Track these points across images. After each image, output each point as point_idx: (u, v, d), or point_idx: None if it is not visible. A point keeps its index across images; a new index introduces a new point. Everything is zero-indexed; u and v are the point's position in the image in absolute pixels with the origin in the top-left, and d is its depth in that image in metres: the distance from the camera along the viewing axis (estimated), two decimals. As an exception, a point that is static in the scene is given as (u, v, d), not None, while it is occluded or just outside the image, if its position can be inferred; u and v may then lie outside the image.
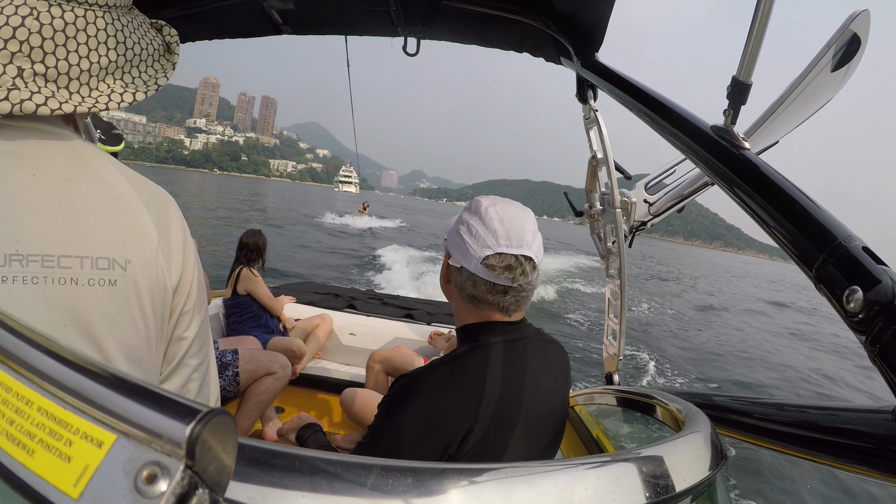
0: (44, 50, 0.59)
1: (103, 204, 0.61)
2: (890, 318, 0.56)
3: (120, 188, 0.63)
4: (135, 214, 0.63)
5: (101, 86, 0.65)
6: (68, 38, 0.60)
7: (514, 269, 0.88)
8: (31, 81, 0.58)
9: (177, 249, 0.67)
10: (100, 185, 0.62)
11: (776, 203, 0.76)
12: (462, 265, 0.91)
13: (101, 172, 0.63)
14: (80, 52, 0.62)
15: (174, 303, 0.68)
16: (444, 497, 0.40)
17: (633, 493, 0.48)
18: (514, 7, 1.53)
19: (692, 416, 0.78)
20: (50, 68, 0.59)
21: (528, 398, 0.90)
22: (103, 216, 0.60)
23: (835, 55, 0.95)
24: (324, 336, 3.05)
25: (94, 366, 0.29)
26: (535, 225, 0.92)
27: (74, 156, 0.62)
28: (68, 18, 0.60)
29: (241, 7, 1.62)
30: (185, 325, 0.70)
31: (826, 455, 0.67)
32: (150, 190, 0.68)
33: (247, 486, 0.36)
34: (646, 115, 1.09)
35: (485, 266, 0.88)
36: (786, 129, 1.28)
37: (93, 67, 0.63)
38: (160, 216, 0.66)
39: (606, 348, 2.06)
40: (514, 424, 0.87)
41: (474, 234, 0.90)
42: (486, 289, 0.90)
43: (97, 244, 0.59)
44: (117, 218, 0.61)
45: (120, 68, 0.67)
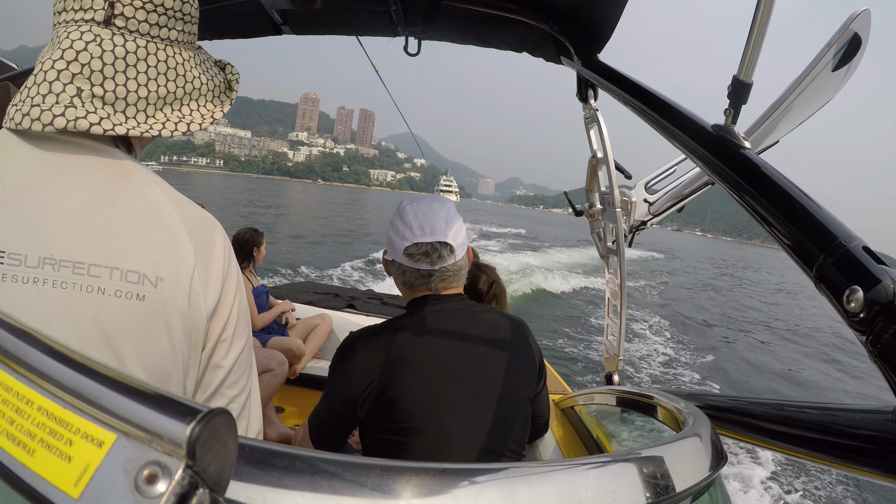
0: (103, 74, 0.62)
1: (142, 220, 0.62)
2: (890, 317, 0.56)
3: (162, 207, 0.64)
4: (173, 234, 0.63)
5: (158, 114, 0.68)
6: (128, 66, 0.64)
7: (430, 255, 1.02)
8: (88, 102, 0.61)
9: (216, 275, 0.67)
10: (141, 202, 0.63)
11: (776, 203, 0.76)
12: (392, 258, 1.07)
13: (145, 191, 0.64)
14: (139, 81, 0.65)
15: (210, 328, 0.67)
16: (444, 497, 0.40)
17: (633, 493, 0.48)
18: (514, 7, 1.53)
19: (692, 416, 0.78)
20: (108, 92, 0.62)
21: (457, 361, 0.99)
22: (140, 232, 0.61)
23: (835, 55, 0.95)
24: (323, 336, 3.04)
25: (95, 366, 0.29)
26: (451, 214, 1.05)
27: (121, 172, 0.64)
28: (130, 48, 0.64)
29: (241, 7, 1.62)
30: (223, 353, 0.69)
31: (826, 455, 0.67)
32: (196, 214, 0.68)
33: (247, 486, 0.36)
34: (646, 114, 1.09)
35: (406, 255, 1.02)
36: (786, 128, 1.28)
37: (150, 96, 0.66)
38: (202, 240, 0.66)
39: (606, 348, 2.06)
40: (432, 381, 0.96)
41: (396, 230, 1.04)
42: (413, 275, 1.05)
43: (130, 257, 0.60)
44: (154, 235, 0.62)
45: (178, 100, 0.70)
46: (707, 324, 13.35)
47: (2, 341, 0.31)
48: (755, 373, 9.55)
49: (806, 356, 11.97)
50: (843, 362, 11.54)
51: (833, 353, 12.49)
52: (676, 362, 8.90)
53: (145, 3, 0.65)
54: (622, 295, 1.87)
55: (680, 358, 9.23)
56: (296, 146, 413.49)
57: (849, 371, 10.81)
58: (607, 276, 2.02)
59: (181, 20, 0.69)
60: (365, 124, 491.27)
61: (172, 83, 0.68)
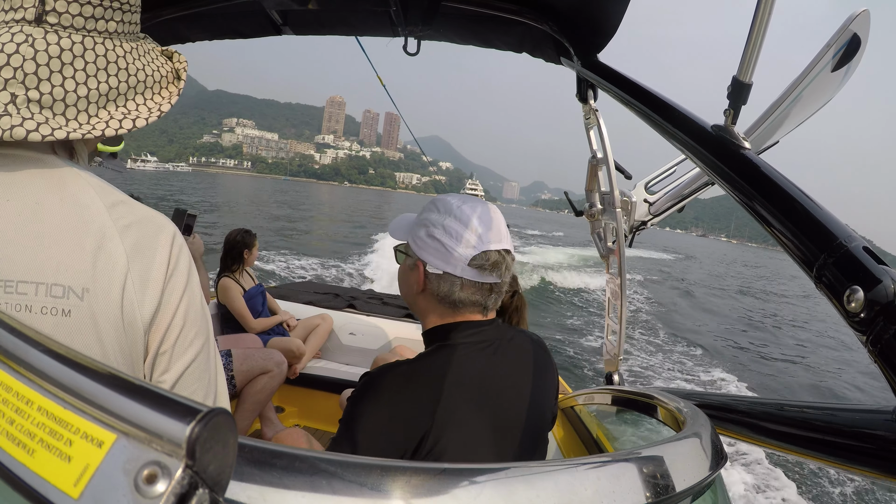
0: (38, 76, 0.58)
1: (69, 228, 0.58)
2: (890, 318, 0.56)
3: (93, 212, 0.60)
4: (100, 239, 0.59)
5: (102, 113, 0.64)
6: (64, 65, 0.60)
7: (500, 266, 0.86)
8: (23, 108, 0.58)
9: (155, 281, 0.62)
10: (72, 209, 0.59)
11: (776, 203, 0.76)
12: (445, 270, 0.86)
13: (78, 196, 0.60)
14: (78, 79, 0.61)
15: (149, 341, 0.62)
16: (444, 497, 0.40)
17: (633, 493, 0.48)
18: (514, 7, 1.53)
19: (692, 416, 0.78)
20: (44, 95, 0.59)
21: (497, 400, 0.85)
22: (68, 240, 0.57)
23: (835, 55, 0.95)
24: (324, 336, 3.04)
25: (95, 366, 0.29)
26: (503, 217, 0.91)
27: (54, 180, 0.60)
28: (64, 45, 0.60)
29: (241, 7, 1.62)
30: (163, 367, 0.64)
31: (826, 455, 0.67)
32: (136, 215, 0.63)
33: (247, 486, 0.36)
34: (646, 114, 1.09)
35: (473, 267, 0.84)
36: (786, 129, 1.28)
37: (91, 94, 0.62)
38: (139, 244, 0.62)
39: (606, 348, 2.06)
40: (478, 428, 0.83)
41: (454, 235, 0.85)
42: (475, 291, 0.87)
43: (55, 270, 0.56)
44: (81, 243, 0.58)
45: (122, 95, 0.65)
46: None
47: (2, 341, 0.31)
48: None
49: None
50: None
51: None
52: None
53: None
54: (622, 295, 1.88)
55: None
56: (322, 149, 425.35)
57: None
58: (607, 276, 2.02)
59: (119, 10, 0.65)
60: (391, 127, 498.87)
61: (114, 78, 0.64)
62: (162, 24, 1.61)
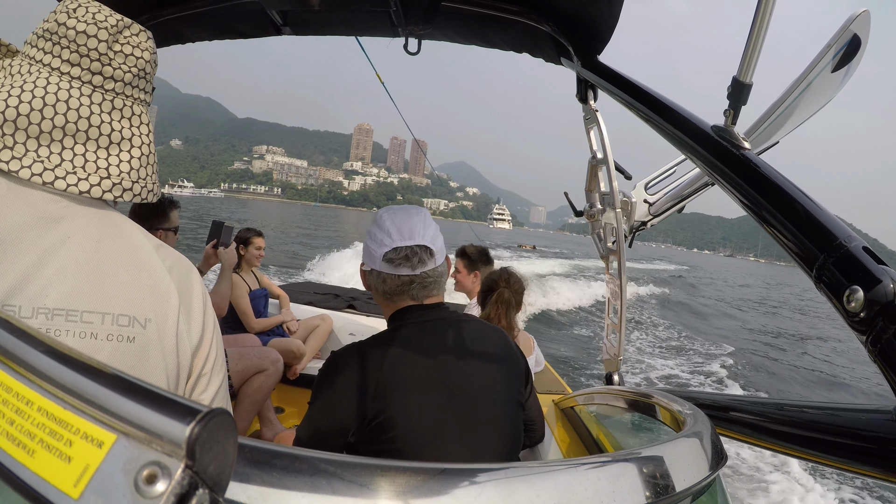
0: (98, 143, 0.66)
1: (128, 265, 0.65)
2: (890, 318, 0.56)
3: (145, 252, 0.68)
4: (158, 277, 0.67)
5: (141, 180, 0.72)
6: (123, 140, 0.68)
7: (411, 259, 0.99)
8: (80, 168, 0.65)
9: (197, 312, 0.71)
10: (128, 248, 0.67)
11: (776, 203, 0.76)
12: (371, 267, 1.03)
13: (131, 237, 0.68)
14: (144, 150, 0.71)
15: (193, 363, 0.71)
16: (444, 497, 0.40)
17: (633, 493, 0.48)
18: (514, 7, 1.53)
19: (692, 416, 0.78)
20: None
21: (443, 376, 0.95)
22: (128, 276, 0.64)
23: (835, 56, 0.95)
24: (324, 336, 3.04)
25: (95, 366, 0.29)
26: (428, 220, 1.03)
27: (108, 222, 0.67)
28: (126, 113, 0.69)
29: (241, 7, 1.62)
30: (203, 386, 0.73)
31: (826, 455, 0.67)
32: (174, 257, 0.72)
33: (247, 486, 0.36)
34: (646, 115, 1.09)
35: (386, 261, 0.99)
36: (786, 129, 1.28)
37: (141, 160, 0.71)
38: (182, 281, 0.71)
39: (606, 348, 2.06)
40: (424, 393, 0.92)
41: (374, 238, 1.02)
42: (394, 282, 1.01)
43: (119, 302, 0.63)
44: (140, 279, 0.65)
45: (151, 165, 0.73)
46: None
47: (2, 341, 0.31)
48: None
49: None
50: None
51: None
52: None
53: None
54: (622, 295, 1.88)
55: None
56: (350, 175, 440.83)
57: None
58: (607, 276, 2.02)
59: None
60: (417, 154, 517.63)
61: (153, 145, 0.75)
62: (162, 24, 1.61)
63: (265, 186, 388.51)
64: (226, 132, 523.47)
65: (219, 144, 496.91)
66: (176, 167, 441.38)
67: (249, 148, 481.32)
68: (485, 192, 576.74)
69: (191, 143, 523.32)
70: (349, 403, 0.92)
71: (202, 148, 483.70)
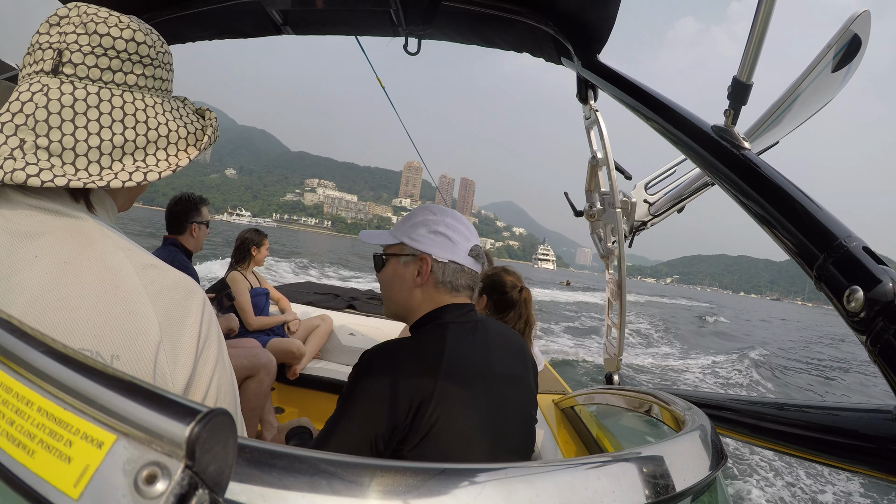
0: (48, 124, 0.59)
1: (99, 291, 0.56)
2: (890, 317, 0.56)
3: (122, 276, 0.58)
4: (132, 306, 0.57)
5: (116, 165, 0.62)
6: (77, 114, 0.60)
7: (482, 256, 1.04)
8: (30, 153, 0.58)
9: (188, 350, 0.60)
10: (100, 270, 0.57)
11: (777, 203, 0.76)
12: (450, 259, 1.00)
13: (106, 257, 0.58)
14: (90, 129, 0.61)
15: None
16: (444, 497, 0.40)
17: (633, 493, 0.48)
18: (514, 7, 1.53)
19: (692, 416, 0.78)
20: (53, 142, 0.59)
21: (489, 374, 0.94)
22: (96, 304, 0.55)
23: (835, 56, 0.95)
24: (324, 336, 3.04)
25: (95, 366, 0.29)
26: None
27: (81, 238, 0.59)
28: (79, 95, 0.61)
29: (241, 7, 1.62)
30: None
31: (826, 455, 0.67)
32: (166, 280, 0.61)
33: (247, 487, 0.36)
34: (646, 115, 1.09)
35: (471, 256, 1.01)
36: (786, 129, 1.28)
37: (104, 145, 0.61)
38: (172, 310, 0.59)
39: (606, 348, 2.06)
40: (473, 397, 0.89)
41: (455, 230, 1.01)
42: (468, 278, 1.02)
43: (81, 335, 0.54)
44: (111, 307, 0.56)
45: (141, 148, 0.64)
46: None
47: (2, 341, 0.31)
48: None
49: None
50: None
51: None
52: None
53: (94, 47, 0.61)
54: (622, 295, 1.88)
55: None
56: (399, 211, 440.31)
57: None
58: (607, 277, 2.02)
59: (139, 63, 0.65)
60: (465, 192, 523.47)
61: (131, 130, 0.63)
62: (162, 24, 1.61)
63: (315, 219, 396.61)
64: (279, 164, 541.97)
65: (272, 176, 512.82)
66: (230, 195, 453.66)
67: (301, 180, 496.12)
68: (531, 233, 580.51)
69: (245, 173, 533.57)
70: (409, 397, 0.83)
71: (255, 178, 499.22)
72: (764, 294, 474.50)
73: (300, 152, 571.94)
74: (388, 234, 1.05)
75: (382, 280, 1.06)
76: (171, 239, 2.39)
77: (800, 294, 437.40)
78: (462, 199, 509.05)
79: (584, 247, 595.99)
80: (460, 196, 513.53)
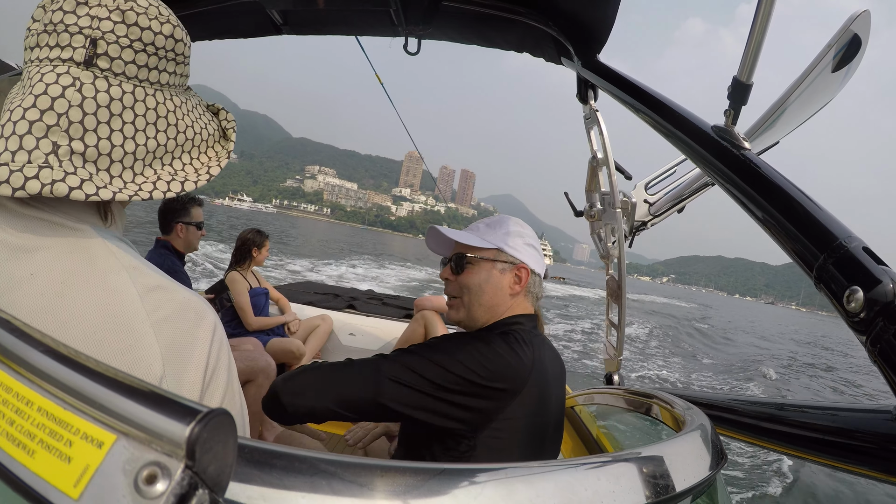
0: (84, 126, 0.52)
1: (97, 319, 0.51)
2: (890, 318, 0.56)
3: (123, 300, 0.52)
4: (134, 337, 0.51)
5: (147, 171, 0.58)
6: (113, 116, 0.54)
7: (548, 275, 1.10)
8: (66, 160, 0.51)
9: (193, 384, 0.54)
10: (100, 294, 0.52)
11: (776, 203, 0.76)
12: (540, 273, 1.07)
13: (108, 279, 0.53)
14: (126, 133, 0.55)
15: None
16: (444, 497, 0.40)
17: (633, 493, 0.48)
18: (514, 7, 1.53)
19: (692, 416, 0.78)
20: (90, 147, 0.53)
21: (556, 378, 0.99)
22: (93, 333, 0.50)
23: (835, 56, 0.95)
24: (324, 336, 3.04)
25: (95, 366, 0.29)
26: None
27: (83, 256, 0.53)
28: (114, 94, 0.54)
29: (241, 7, 1.62)
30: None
31: (826, 455, 0.67)
32: (172, 304, 0.55)
33: (247, 487, 0.36)
34: (646, 115, 1.09)
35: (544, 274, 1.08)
36: (786, 129, 1.28)
37: (139, 150, 0.56)
38: (176, 341, 0.54)
39: (606, 348, 2.06)
40: (547, 402, 0.95)
41: (537, 246, 1.07)
42: (543, 291, 1.09)
43: None
44: (107, 338, 0.50)
45: (170, 153, 0.60)
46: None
47: (2, 341, 0.31)
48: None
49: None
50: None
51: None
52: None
53: (133, 41, 0.55)
54: (622, 295, 1.87)
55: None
56: (398, 201, 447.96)
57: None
58: (607, 277, 2.02)
59: (173, 61, 0.60)
60: (465, 184, 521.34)
61: (163, 134, 0.59)
62: None
63: (315, 206, 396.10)
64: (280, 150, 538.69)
65: (273, 161, 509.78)
66: (230, 179, 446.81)
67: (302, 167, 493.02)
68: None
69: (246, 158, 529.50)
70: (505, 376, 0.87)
71: (256, 163, 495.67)
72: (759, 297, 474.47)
73: (302, 138, 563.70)
74: (478, 238, 1.04)
75: (470, 283, 1.03)
76: (162, 241, 2.39)
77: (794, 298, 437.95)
78: (462, 191, 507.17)
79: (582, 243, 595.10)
80: (460, 188, 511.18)
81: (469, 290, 1.02)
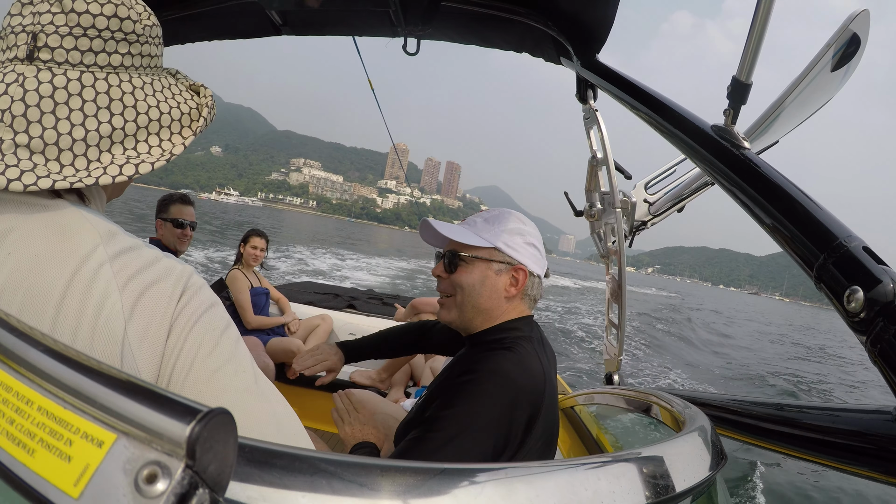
0: (27, 118, 0.53)
1: (68, 284, 0.51)
2: (890, 318, 0.56)
3: (93, 265, 0.52)
4: (102, 298, 0.52)
5: (105, 156, 0.57)
6: (57, 105, 0.54)
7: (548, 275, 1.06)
8: (9, 154, 0.53)
9: (155, 336, 0.53)
10: (71, 262, 0.52)
11: (776, 203, 0.76)
12: (539, 274, 1.01)
13: (80, 247, 0.53)
14: (74, 120, 0.55)
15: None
16: (445, 497, 0.40)
17: (633, 493, 0.48)
18: (514, 7, 1.54)
19: (692, 416, 0.78)
20: (34, 138, 0.53)
21: (554, 378, 0.98)
22: (65, 298, 0.51)
23: (834, 55, 0.95)
24: (324, 336, 3.04)
25: (95, 365, 0.29)
26: None
27: (56, 231, 0.54)
28: (58, 83, 0.55)
29: (241, 7, 1.62)
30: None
31: (826, 455, 0.67)
32: (140, 262, 0.55)
33: (247, 486, 0.36)
34: (646, 115, 1.09)
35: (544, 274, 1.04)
36: (786, 128, 1.28)
37: (90, 136, 0.56)
38: (142, 296, 0.53)
39: (606, 348, 2.06)
40: (555, 409, 0.94)
41: (539, 245, 1.01)
42: (542, 292, 1.05)
43: (50, 330, 0.50)
44: (80, 301, 0.51)
45: (131, 136, 0.59)
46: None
47: (2, 341, 0.31)
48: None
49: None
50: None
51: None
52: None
53: (72, 27, 0.55)
54: (622, 295, 1.87)
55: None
56: (384, 193, 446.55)
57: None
58: (607, 277, 2.01)
59: (124, 41, 0.59)
60: (451, 176, 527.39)
61: (119, 117, 0.58)
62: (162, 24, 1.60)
63: (301, 199, 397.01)
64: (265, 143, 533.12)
65: (257, 154, 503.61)
66: (215, 173, 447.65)
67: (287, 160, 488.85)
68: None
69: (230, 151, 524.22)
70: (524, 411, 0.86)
71: (241, 157, 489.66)
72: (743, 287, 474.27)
73: (287, 131, 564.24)
74: (473, 235, 0.99)
75: (463, 283, 0.98)
76: (155, 239, 2.36)
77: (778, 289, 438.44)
78: (447, 183, 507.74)
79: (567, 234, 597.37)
80: (445, 179, 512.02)
81: (462, 289, 0.98)
